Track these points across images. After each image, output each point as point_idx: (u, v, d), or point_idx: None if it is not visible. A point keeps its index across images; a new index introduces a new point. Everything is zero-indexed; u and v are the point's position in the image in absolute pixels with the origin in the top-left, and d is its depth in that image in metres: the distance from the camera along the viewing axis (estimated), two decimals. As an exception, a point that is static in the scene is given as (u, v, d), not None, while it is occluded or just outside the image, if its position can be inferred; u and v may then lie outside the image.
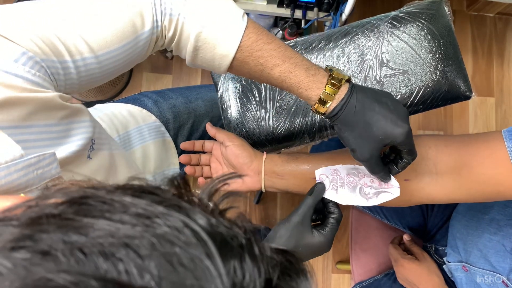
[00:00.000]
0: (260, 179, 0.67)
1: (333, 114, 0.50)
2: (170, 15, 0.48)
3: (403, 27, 0.73)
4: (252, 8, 1.15)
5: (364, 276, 1.02)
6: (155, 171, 0.81)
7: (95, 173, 0.50)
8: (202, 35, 0.49)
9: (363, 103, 0.49)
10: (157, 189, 0.23)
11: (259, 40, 0.50)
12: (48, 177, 0.40)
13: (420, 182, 0.60)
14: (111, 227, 0.19)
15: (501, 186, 0.54)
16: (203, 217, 0.21)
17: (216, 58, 0.51)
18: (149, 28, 0.47)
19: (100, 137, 0.53)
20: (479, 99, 1.66)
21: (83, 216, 0.20)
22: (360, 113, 0.49)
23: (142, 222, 0.20)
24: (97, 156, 0.50)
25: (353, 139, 0.51)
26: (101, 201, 0.21)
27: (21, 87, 0.37)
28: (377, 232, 1.03)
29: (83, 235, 0.19)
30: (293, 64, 0.50)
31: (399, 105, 0.51)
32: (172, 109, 0.86)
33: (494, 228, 0.72)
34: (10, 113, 0.36)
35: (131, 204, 0.21)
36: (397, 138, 0.49)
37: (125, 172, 0.65)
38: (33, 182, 0.39)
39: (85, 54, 0.42)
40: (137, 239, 0.19)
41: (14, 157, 0.36)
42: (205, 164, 0.74)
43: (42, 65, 0.39)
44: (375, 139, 0.49)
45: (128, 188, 0.23)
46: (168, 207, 0.21)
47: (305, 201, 0.59)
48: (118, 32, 0.44)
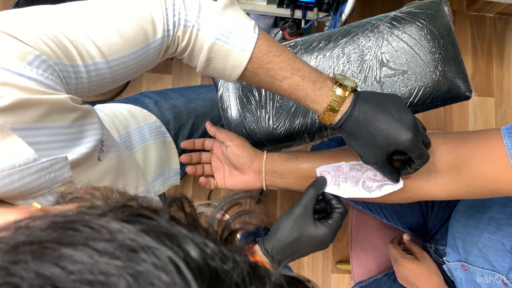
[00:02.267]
0: (261, 179, 0.67)
1: (338, 125, 0.53)
2: (184, 26, 0.49)
3: (403, 27, 0.73)
4: (252, 8, 1.15)
5: (364, 276, 1.02)
6: (156, 171, 0.81)
7: (104, 175, 0.50)
8: (216, 47, 0.50)
9: (366, 114, 0.51)
10: (154, 213, 0.22)
11: (270, 53, 0.51)
12: (60, 180, 0.41)
13: (420, 180, 0.60)
14: (90, 259, 0.18)
15: (499, 183, 0.55)
16: (196, 248, 0.20)
17: (227, 69, 0.52)
18: (160, 37, 0.48)
19: (108, 138, 0.53)
20: (479, 99, 1.66)
21: (64, 245, 0.19)
22: (363, 124, 0.51)
23: (126, 255, 0.19)
24: (106, 158, 0.50)
25: (359, 147, 0.53)
26: (89, 226, 0.20)
27: (34, 89, 0.37)
28: (377, 232, 1.03)
29: (59, 267, 0.18)
30: (301, 77, 0.52)
31: (404, 113, 0.52)
32: (172, 109, 0.86)
33: (493, 228, 0.73)
34: (23, 115, 0.37)
35: (119, 232, 0.20)
36: (401, 145, 0.51)
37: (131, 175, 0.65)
38: (45, 185, 0.39)
39: (96, 59, 0.42)
40: (115, 277, 0.18)
41: (28, 160, 0.37)
42: (206, 162, 0.74)
43: (55, 69, 0.39)
44: (379, 147, 0.51)
45: (122, 210, 0.22)
46: (159, 238, 0.20)
47: (307, 193, 0.59)
48: (129, 39, 0.44)
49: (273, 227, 0.61)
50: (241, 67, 0.51)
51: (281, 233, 0.59)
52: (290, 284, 0.23)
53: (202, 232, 0.22)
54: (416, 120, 0.53)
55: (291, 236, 0.58)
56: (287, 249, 0.59)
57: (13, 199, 0.39)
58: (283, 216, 0.59)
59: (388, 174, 0.56)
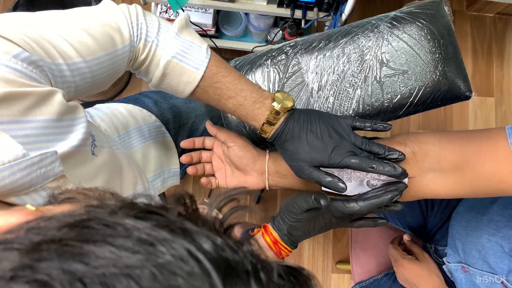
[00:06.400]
0: (264, 179, 0.67)
1: (271, 140, 0.60)
2: (145, 40, 0.53)
3: (403, 27, 0.73)
4: (252, 8, 1.15)
5: (364, 276, 1.02)
6: (155, 171, 0.81)
7: (100, 170, 0.51)
8: (172, 63, 0.54)
9: (293, 131, 0.58)
10: (162, 209, 0.23)
11: (218, 73, 0.57)
12: (52, 175, 0.41)
13: (424, 179, 0.60)
14: (112, 254, 0.19)
15: (503, 183, 0.54)
16: (208, 241, 0.21)
17: (181, 84, 0.56)
18: (127, 44, 0.51)
19: (97, 134, 0.54)
20: (479, 99, 1.66)
21: (85, 242, 0.19)
22: (289, 140, 0.59)
23: (144, 249, 0.19)
24: (101, 153, 0.51)
25: (287, 161, 0.60)
26: (104, 224, 0.21)
27: (19, 81, 0.37)
28: (377, 232, 1.03)
29: (83, 263, 0.18)
30: (243, 97, 0.58)
31: (328, 133, 0.57)
32: (172, 109, 0.86)
33: (492, 229, 0.72)
34: (9, 108, 0.37)
35: (134, 228, 0.20)
36: (316, 162, 0.57)
37: (129, 174, 0.65)
38: (36, 181, 0.39)
39: (74, 59, 0.44)
40: (139, 269, 0.19)
41: (17, 156, 0.37)
42: (207, 161, 0.74)
43: (39, 64, 0.40)
44: (304, 161, 0.58)
45: (132, 208, 0.22)
46: (172, 232, 0.21)
47: None
48: (101, 43, 0.47)
49: (284, 204, 0.61)
50: (194, 84, 0.56)
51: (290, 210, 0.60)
52: (289, 274, 0.23)
53: (207, 226, 0.23)
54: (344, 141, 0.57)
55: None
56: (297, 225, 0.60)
57: (5, 196, 0.38)
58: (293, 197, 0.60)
59: (326, 185, 0.56)
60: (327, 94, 0.73)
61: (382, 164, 0.55)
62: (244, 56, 0.80)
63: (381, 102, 0.72)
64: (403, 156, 0.56)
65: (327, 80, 0.73)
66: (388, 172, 0.54)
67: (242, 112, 0.59)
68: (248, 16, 1.35)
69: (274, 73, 0.75)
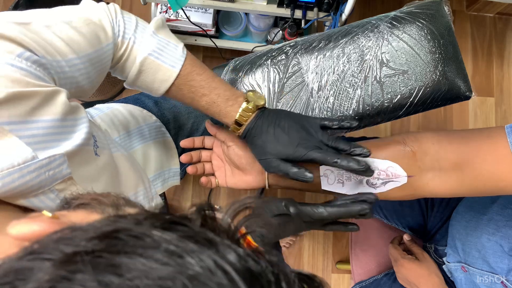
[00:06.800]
0: (264, 178, 0.67)
1: (242, 136, 0.62)
2: (123, 37, 0.54)
3: (403, 27, 0.73)
4: (252, 8, 1.15)
5: (364, 276, 1.02)
6: (155, 171, 0.81)
7: (102, 171, 0.51)
8: (148, 61, 0.55)
9: (262, 126, 0.60)
10: (186, 220, 0.23)
11: (193, 72, 0.58)
12: (60, 177, 0.41)
13: (424, 178, 0.60)
14: (144, 266, 0.19)
15: (503, 182, 0.54)
16: (232, 252, 0.21)
17: (156, 82, 0.57)
18: (111, 41, 0.52)
19: (98, 135, 0.54)
20: (479, 99, 1.66)
21: (116, 254, 0.20)
22: (258, 135, 0.60)
23: (174, 261, 0.20)
24: (103, 154, 0.52)
25: (257, 155, 0.62)
26: (133, 235, 0.21)
27: (25, 80, 0.38)
28: (377, 232, 1.03)
29: (117, 275, 0.19)
30: (217, 95, 0.59)
31: (295, 129, 0.59)
32: (172, 109, 0.86)
33: (492, 229, 0.72)
34: (16, 108, 0.37)
35: (163, 240, 0.21)
36: (282, 154, 0.58)
37: (129, 174, 0.65)
38: (45, 183, 0.40)
39: (69, 56, 0.45)
40: (171, 281, 0.19)
41: (26, 159, 0.37)
42: (206, 161, 0.74)
43: (42, 62, 0.40)
44: (271, 154, 0.59)
45: (157, 218, 0.23)
46: (198, 243, 0.21)
47: None
48: (89, 39, 0.48)
49: (255, 208, 0.62)
50: (169, 82, 0.57)
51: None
52: (302, 281, 0.24)
53: (227, 236, 0.24)
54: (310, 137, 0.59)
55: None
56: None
57: (14, 198, 0.39)
58: None
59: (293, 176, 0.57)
60: (327, 94, 0.73)
61: (347, 158, 0.55)
62: (244, 56, 0.80)
63: (381, 102, 0.72)
64: (367, 152, 0.57)
65: (327, 80, 0.73)
66: (351, 166, 0.55)
67: (215, 109, 0.60)
68: (248, 16, 1.35)
69: (274, 73, 0.75)
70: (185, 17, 1.21)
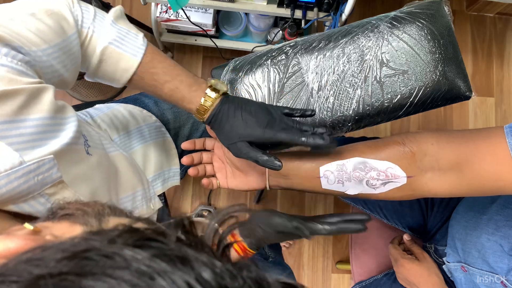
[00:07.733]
0: (264, 179, 0.67)
1: (207, 122, 0.61)
2: (81, 27, 0.53)
3: (403, 27, 0.73)
4: (252, 8, 1.15)
5: (364, 276, 1.02)
6: (155, 171, 0.81)
7: (95, 170, 0.50)
8: (108, 50, 0.55)
9: (229, 111, 0.60)
10: (161, 235, 0.23)
11: (154, 60, 0.58)
12: (50, 182, 0.40)
13: (423, 178, 0.60)
14: None
15: (501, 182, 0.55)
16: (207, 269, 0.21)
17: (118, 71, 0.57)
18: (75, 31, 0.52)
19: (89, 134, 0.53)
20: (479, 99, 1.66)
21: (83, 276, 0.19)
22: (225, 119, 0.60)
23: (145, 282, 0.19)
24: (95, 153, 0.51)
25: (223, 140, 0.62)
26: (103, 255, 0.20)
27: (8, 77, 0.37)
28: (377, 232, 1.03)
29: None
30: (179, 81, 0.59)
31: (261, 112, 0.60)
32: (172, 109, 0.86)
33: (492, 229, 0.72)
34: (2, 108, 0.36)
35: (134, 259, 0.20)
36: (252, 137, 0.58)
37: (127, 175, 0.65)
38: (34, 188, 0.39)
39: (42, 46, 0.44)
40: None
41: (13, 164, 0.36)
42: (207, 162, 0.74)
43: (22, 54, 0.39)
44: (238, 137, 0.59)
45: (131, 234, 0.22)
46: (171, 261, 0.20)
47: None
48: (55, 31, 0.48)
49: (257, 216, 0.64)
50: (131, 71, 0.56)
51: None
52: None
53: (206, 250, 0.23)
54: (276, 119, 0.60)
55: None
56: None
57: (3, 204, 0.38)
58: None
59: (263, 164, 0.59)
60: (327, 94, 0.73)
61: (312, 136, 0.58)
62: (244, 56, 0.80)
63: (381, 102, 0.72)
64: (329, 131, 0.60)
65: (327, 80, 0.74)
66: (317, 142, 0.58)
67: (178, 95, 0.60)
68: (248, 16, 1.35)
69: (274, 73, 0.75)
70: (185, 17, 1.21)
